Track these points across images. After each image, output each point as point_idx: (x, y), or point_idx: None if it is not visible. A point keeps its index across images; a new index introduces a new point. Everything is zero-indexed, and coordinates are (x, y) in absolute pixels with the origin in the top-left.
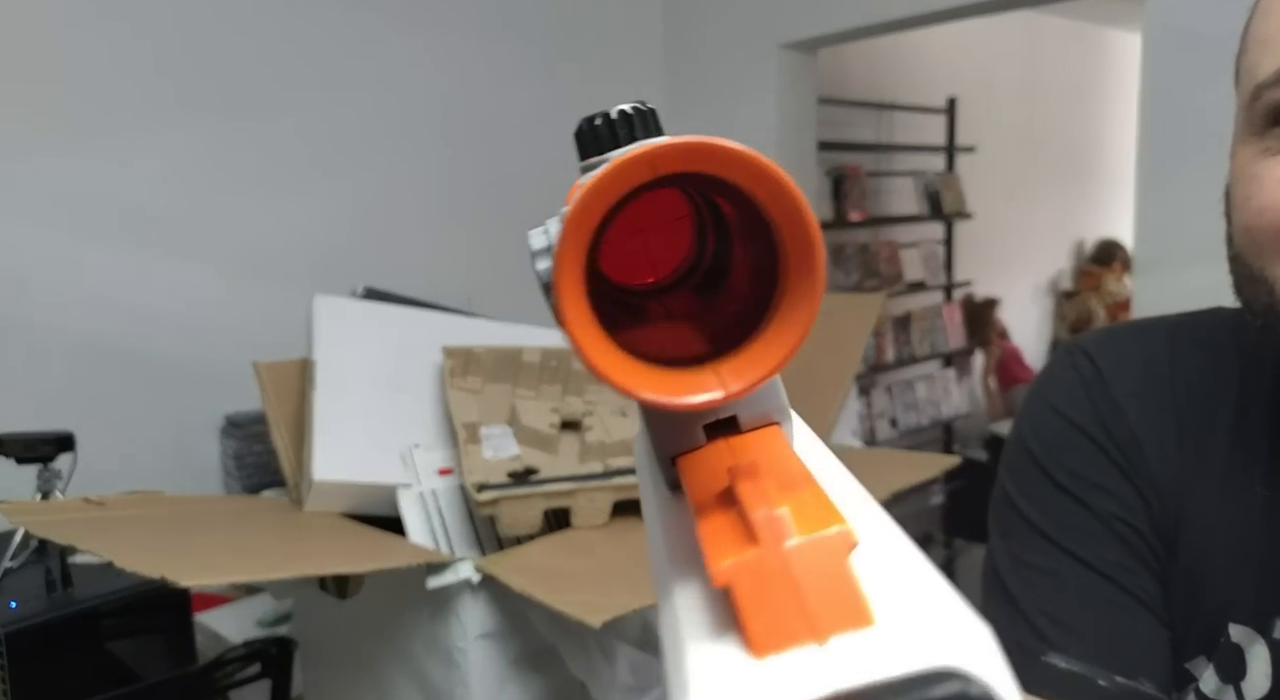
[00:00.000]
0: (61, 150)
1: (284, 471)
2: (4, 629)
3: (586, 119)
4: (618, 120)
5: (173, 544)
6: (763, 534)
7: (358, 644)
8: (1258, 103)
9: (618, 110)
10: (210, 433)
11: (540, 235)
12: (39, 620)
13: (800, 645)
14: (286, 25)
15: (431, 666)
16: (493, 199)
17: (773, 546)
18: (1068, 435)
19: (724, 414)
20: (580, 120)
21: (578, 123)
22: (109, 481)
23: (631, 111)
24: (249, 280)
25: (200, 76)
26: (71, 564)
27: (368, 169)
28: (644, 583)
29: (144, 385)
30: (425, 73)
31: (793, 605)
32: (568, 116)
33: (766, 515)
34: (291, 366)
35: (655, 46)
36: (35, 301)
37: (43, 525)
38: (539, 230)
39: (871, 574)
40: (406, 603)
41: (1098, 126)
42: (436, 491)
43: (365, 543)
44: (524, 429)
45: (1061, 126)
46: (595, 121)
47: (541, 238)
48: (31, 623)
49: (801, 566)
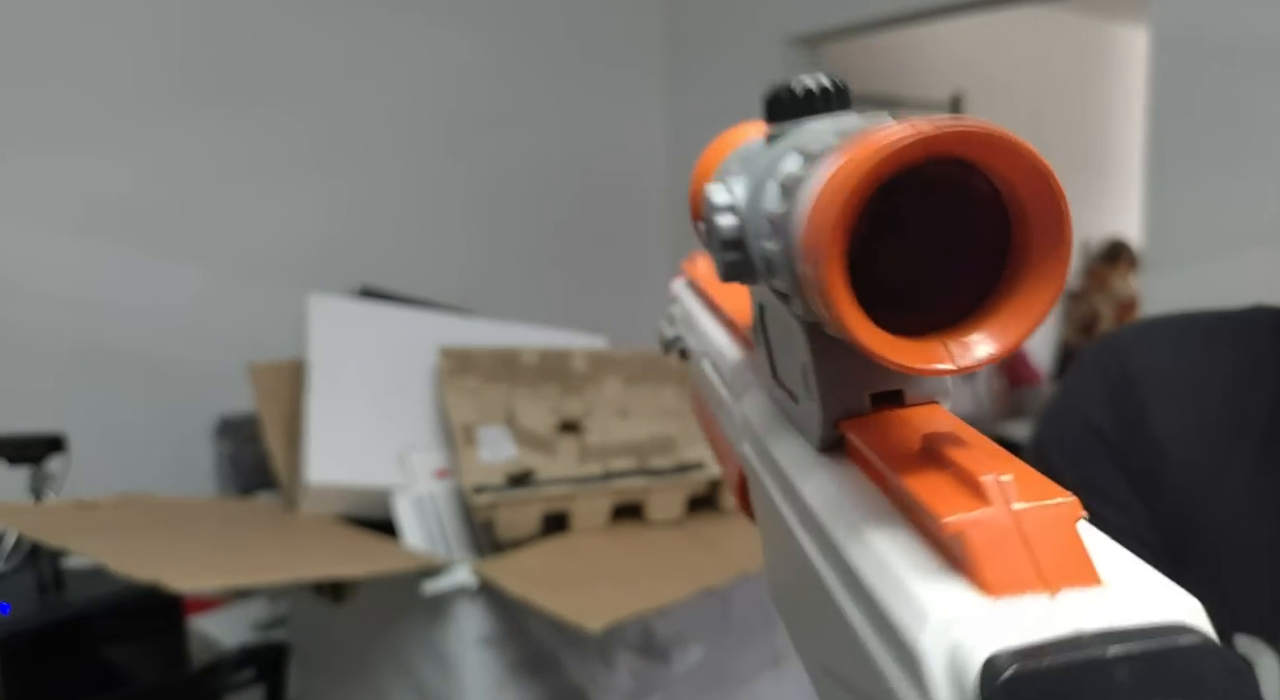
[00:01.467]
0: (53, 148)
1: (277, 473)
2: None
3: (785, 84)
4: (818, 92)
5: (166, 547)
6: (993, 495)
7: (353, 649)
8: None
9: (820, 84)
10: (204, 434)
11: (723, 192)
12: (31, 624)
13: (1033, 593)
14: (281, 23)
15: (428, 672)
16: (490, 197)
17: (1003, 506)
18: (1086, 441)
19: (892, 386)
20: (778, 85)
21: (773, 88)
22: (101, 483)
23: (832, 87)
24: (243, 279)
25: (195, 75)
26: (64, 567)
27: (363, 167)
28: (644, 587)
29: (137, 386)
30: (423, 70)
31: (1024, 559)
32: (567, 113)
33: (994, 480)
34: (286, 367)
35: (659, 41)
36: (27, 301)
37: (35, 528)
38: (719, 187)
39: (1091, 545)
40: (402, 607)
41: (1104, 123)
42: (433, 494)
43: (361, 546)
44: (522, 430)
45: (1067, 123)
46: (797, 88)
47: (724, 194)
48: (24, 627)
49: (1032, 527)
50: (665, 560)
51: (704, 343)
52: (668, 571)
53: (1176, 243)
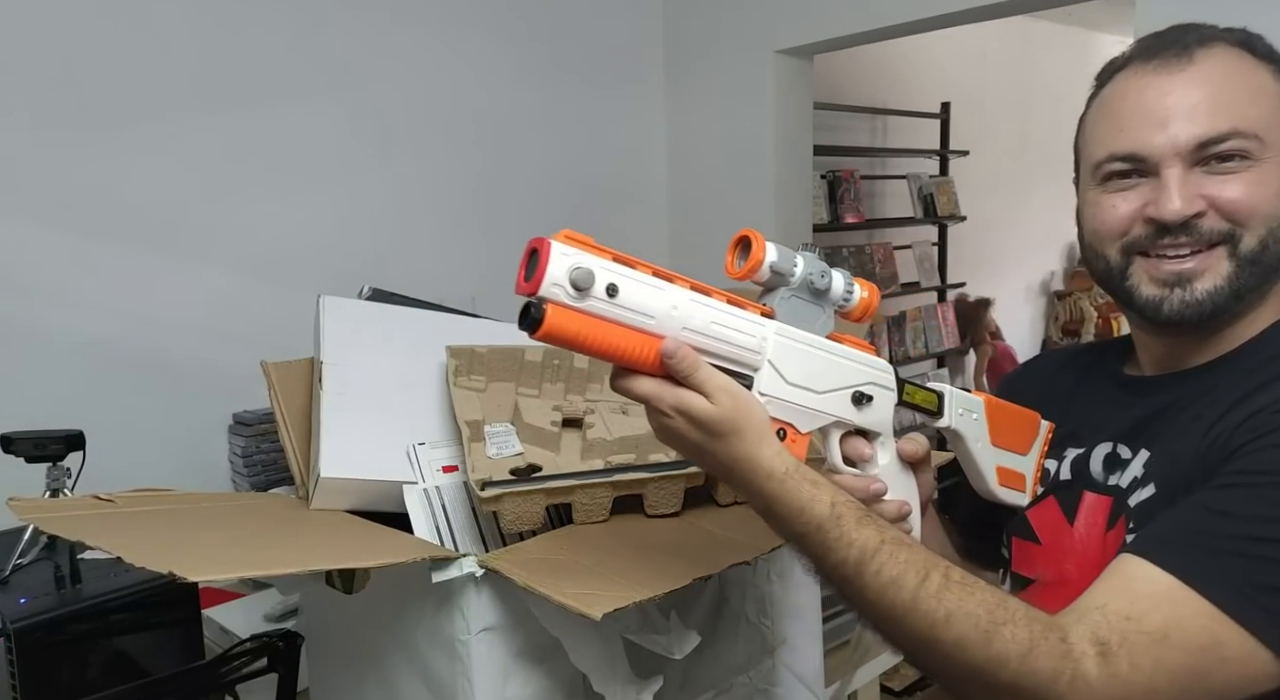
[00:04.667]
0: (73, 152)
1: (292, 469)
2: (14, 624)
3: None
4: None
5: (181, 539)
6: None
7: (363, 638)
8: (1100, 168)
9: None
10: (218, 431)
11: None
12: (48, 616)
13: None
14: (295, 28)
15: (436, 660)
16: (496, 201)
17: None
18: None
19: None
20: None
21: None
22: (118, 479)
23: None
24: (257, 281)
25: (210, 79)
26: (80, 560)
27: (373, 172)
28: (644, 576)
29: (153, 384)
30: (430, 77)
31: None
32: (569, 120)
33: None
34: (299, 366)
35: (656, 53)
36: (45, 301)
37: (52, 522)
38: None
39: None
40: (411, 597)
41: None
42: (441, 488)
43: (371, 538)
44: (526, 427)
45: (1053, 130)
46: None
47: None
48: (41, 618)
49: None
50: (664, 550)
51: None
52: (666, 561)
53: None
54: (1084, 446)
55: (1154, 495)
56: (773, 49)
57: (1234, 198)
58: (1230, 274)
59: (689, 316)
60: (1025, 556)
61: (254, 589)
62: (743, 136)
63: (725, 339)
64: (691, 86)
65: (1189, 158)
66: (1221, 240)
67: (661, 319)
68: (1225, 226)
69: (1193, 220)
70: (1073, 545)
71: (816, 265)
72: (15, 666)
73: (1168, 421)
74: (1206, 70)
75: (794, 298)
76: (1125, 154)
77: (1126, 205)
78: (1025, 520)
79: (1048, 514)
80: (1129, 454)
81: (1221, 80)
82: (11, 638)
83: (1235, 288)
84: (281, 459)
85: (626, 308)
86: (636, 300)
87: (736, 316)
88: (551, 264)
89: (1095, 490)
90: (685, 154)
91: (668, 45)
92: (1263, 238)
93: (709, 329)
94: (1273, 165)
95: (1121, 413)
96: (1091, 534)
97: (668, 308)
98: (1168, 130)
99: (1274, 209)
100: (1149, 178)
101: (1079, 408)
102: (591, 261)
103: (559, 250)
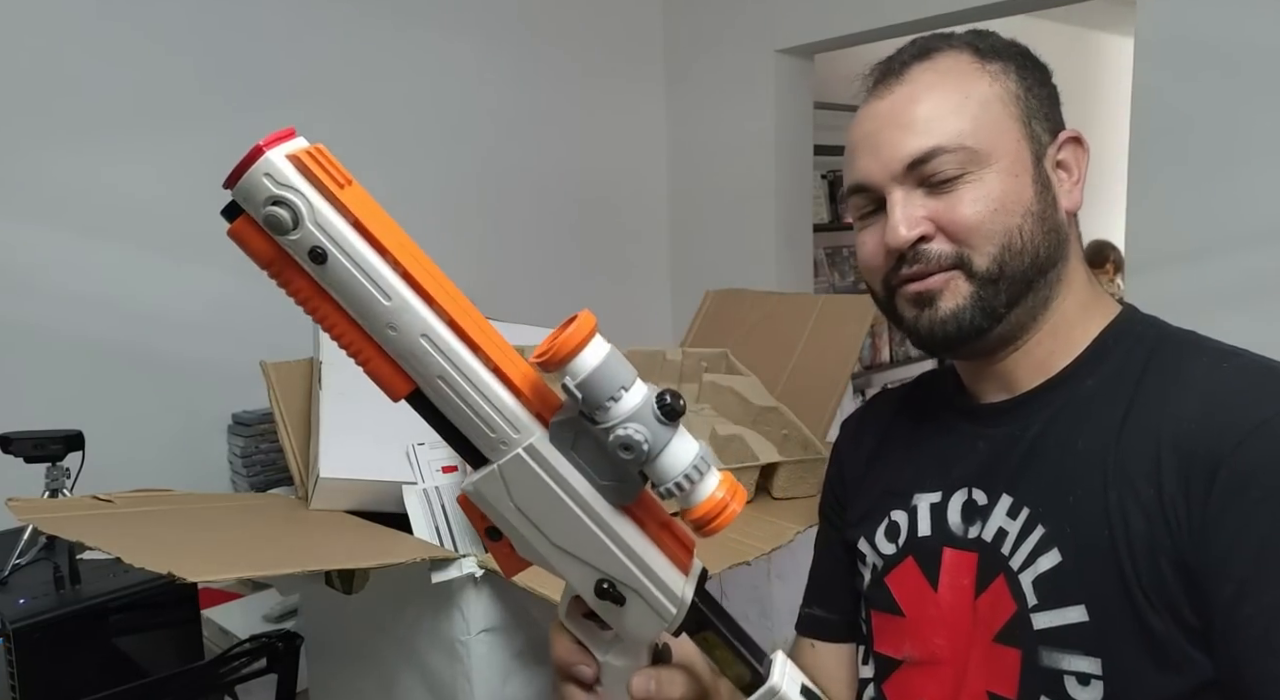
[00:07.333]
0: (74, 152)
1: (292, 469)
2: (13, 625)
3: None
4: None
5: (180, 540)
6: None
7: (363, 638)
8: (850, 203)
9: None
10: (217, 431)
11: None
12: (47, 616)
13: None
14: (297, 28)
15: (435, 660)
16: (496, 200)
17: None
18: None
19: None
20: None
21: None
22: (117, 480)
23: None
24: (257, 281)
25: (211, 78)
26: (80, 560)
27: (374, 170)
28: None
29: (152, 384)
30: (430, 77)
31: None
32: (571, 119)
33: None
34: (299, 366)
35: (656, 53)
36: (44, 301)
37: (51, 522)
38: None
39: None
40: (410, 598)
41: (1090, 130)
42: (440, 489)
43: (370, 539)
44: None
45: None
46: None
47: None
48: (40, 618)
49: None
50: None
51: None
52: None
53: (1155, 246)
54: (939, 490)
55: (1060, 564)
56: (773, 48)
57: (953, 219)
58: (971, 293)
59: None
60: (889, 632)
61: (253, 589)
62: (743, 136)
63: (463, 398)
64: (692, 86)
65: (907, 180)
66: (953, 264)
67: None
68: (952, 248)
69: (920, 245)
70: (940, 616)
71: (642, 429)
72: (14, 667)
73: (1024, 455)
74: (913, 87)
75: (590, 436)
76: (854, 185)
77: (872, 239)
78: (885, 588)
79: (909, 580)
80: (985, 500)
81: (926, 95)
82: (11, 638)
83: (981, 306)
84: (280, 459)
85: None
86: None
87: (486, 401)
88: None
89: (956, 546)
90: (685, 153)
91: (668, 45)
92: (994, 256)
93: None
94: (992, 176)
95: (968, 446)
96: (960, 600)
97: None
98: (880, 156)
99: (999, 224)
100: (884, 208)
101: (925, 447)
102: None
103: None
